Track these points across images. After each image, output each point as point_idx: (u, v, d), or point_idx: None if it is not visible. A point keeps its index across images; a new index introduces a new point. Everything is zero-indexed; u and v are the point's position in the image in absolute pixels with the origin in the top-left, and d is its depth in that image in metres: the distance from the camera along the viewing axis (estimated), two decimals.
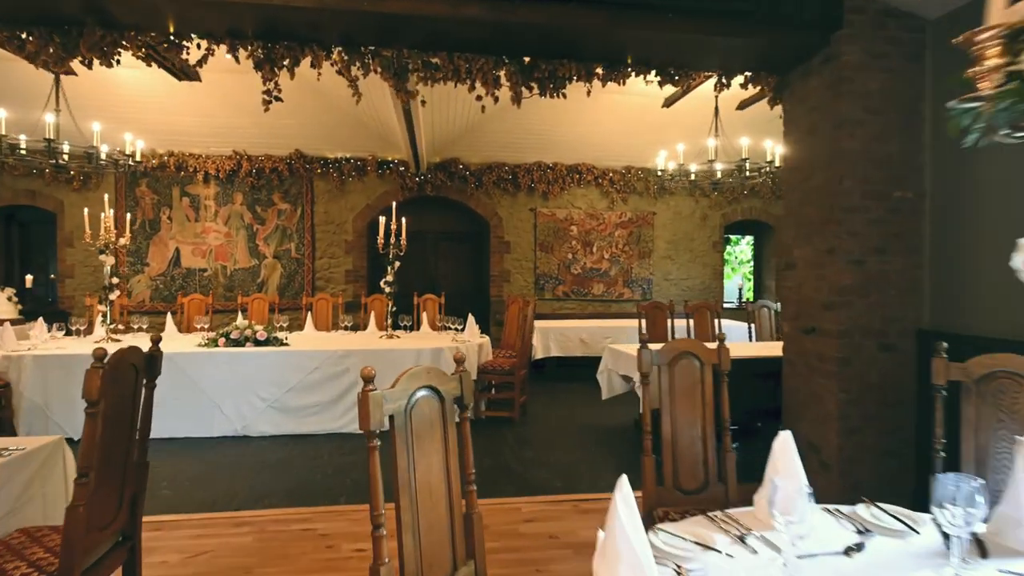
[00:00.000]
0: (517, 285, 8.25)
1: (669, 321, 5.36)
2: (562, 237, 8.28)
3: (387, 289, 5.36)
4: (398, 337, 5.35)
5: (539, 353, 6.70)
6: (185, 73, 6.24)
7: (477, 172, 8.02)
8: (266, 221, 7.68)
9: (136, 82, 6.36)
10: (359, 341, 5.10)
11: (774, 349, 4.10)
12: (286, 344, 4.72)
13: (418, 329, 6.20)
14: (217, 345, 4.57)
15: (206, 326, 5.49)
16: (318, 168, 7.70)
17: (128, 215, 6.62)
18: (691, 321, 5.39)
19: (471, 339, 5.12)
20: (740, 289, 9.06)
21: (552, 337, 6.74)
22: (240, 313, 5.77)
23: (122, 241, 5.05)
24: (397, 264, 5.45)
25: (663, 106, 7.29)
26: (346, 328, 5.78)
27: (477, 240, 8.67)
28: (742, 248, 9.97)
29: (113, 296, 4.90)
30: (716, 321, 5.40)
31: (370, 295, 6.71)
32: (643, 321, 5.25)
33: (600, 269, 8.36)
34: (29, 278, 7.55)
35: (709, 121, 7.23)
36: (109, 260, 4.89)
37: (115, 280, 4.92)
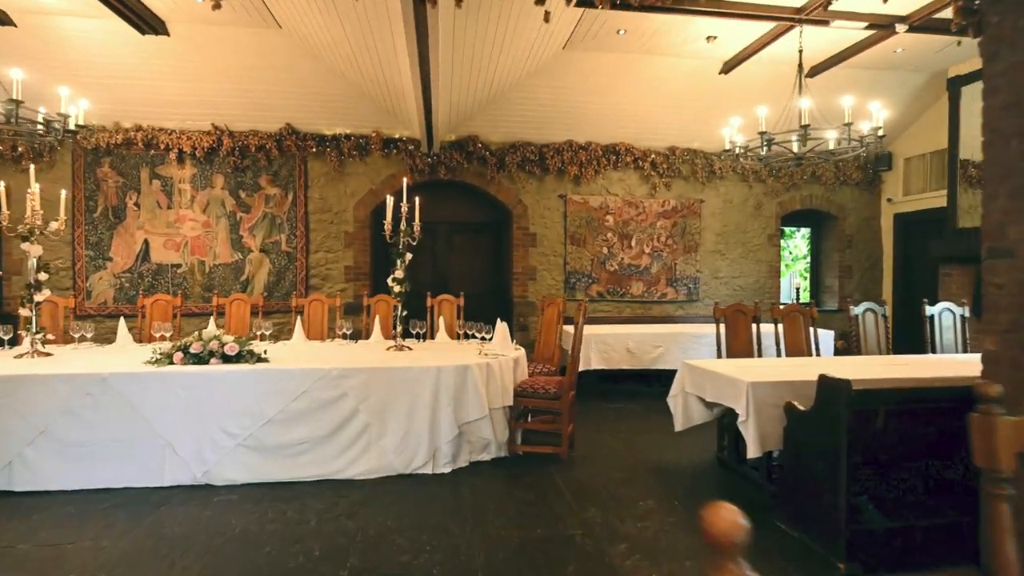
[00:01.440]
0: (544, 284, 7.11)
1: (755, 328, 4.22)
2: (596, 228, 7.13)
3: (396, 288, 4.23)
4: (409, 349, 4.22)
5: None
6: (149, 25, 5.12)
7: (498, 152, 6.88)
8: (252, 208, 6.55)
9: (91, 36, 5.24)
10: (360, 355, 3.97)
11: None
12: (265, 360, 3.59)
13: (432, 337, 5.06)
14: (171, 362, 3.44)
15: (168, 334, 4.36)
16: (313, 146, 6.56)
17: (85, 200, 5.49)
18: (780, 328, 4.24)
19: (503, 352, 3.98)
20: (797, 290, 7.90)
21: (593, 346, 5.59)
22: (213, 318, 4.65)
23: (54, 226, 3.92)
24: (408, 257, 4.31)
25: (721, 72, 6.16)
26: (344, 336, 4.65)
27: (497, 232, 7.53)
28: (796, 242, 8.81)
29: (40, 296, 3.77)
30: (812, 330, 4.26)
31: (374, 295, 5.57)
32: (722, 328, 4.12)
33: (639, 265, 7.22)
34: None
35: (774, 89, 6.11)
36: (35, 250, 3.76)
37: (43, 276, 3.79)
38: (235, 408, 3.36)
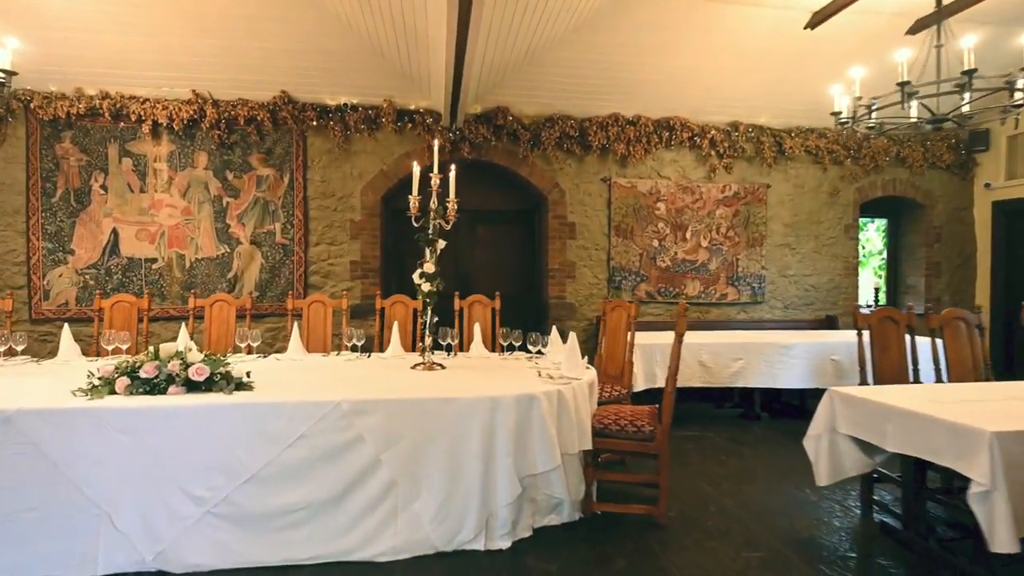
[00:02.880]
0: (584, 282, 6.06)
1: (909, 339, 3.16)
2: (645, 217, 6.09)
3: (424, 286, 3.19)
4: (441, 367, 3.17)
5: (639, 383, 4.51)
6: None
7: (532, 127, 5.83)
8: (240, 192, 5.51)
9: None
10: (379, 377, 2.94)
11: None
12: (247, 387, 2.55)
13: (465, 350, 4.02)
14: (112, 391, 2.40)
15: (124, 346, 3.32)
16: (313, 118, 5.52)
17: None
18: (939, 341, 3.19)
19: (570, 372, 2.93)
20: (876, 290, 6.86)
21: (657, 358, 4.55)
22: (186, 326, 3.60)
23: None
24: (441, 245, 3.27)
25: (807, 26, 5.11)
26: (355, 348, 3.61)
27: (528, 222, 6.48)
28: (868, 235, 7.76)
29: None
30: (981, 341, 3.20)
31: (388, 296, 4.53)
32: (867, 337, 3.09)
33: (695, 261, 6.17)
34: None
35: (871, 48, 5.06)
36: None
37: None
38: (203, 460, 2.32)
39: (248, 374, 2.63)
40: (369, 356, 3.64)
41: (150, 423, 2.29)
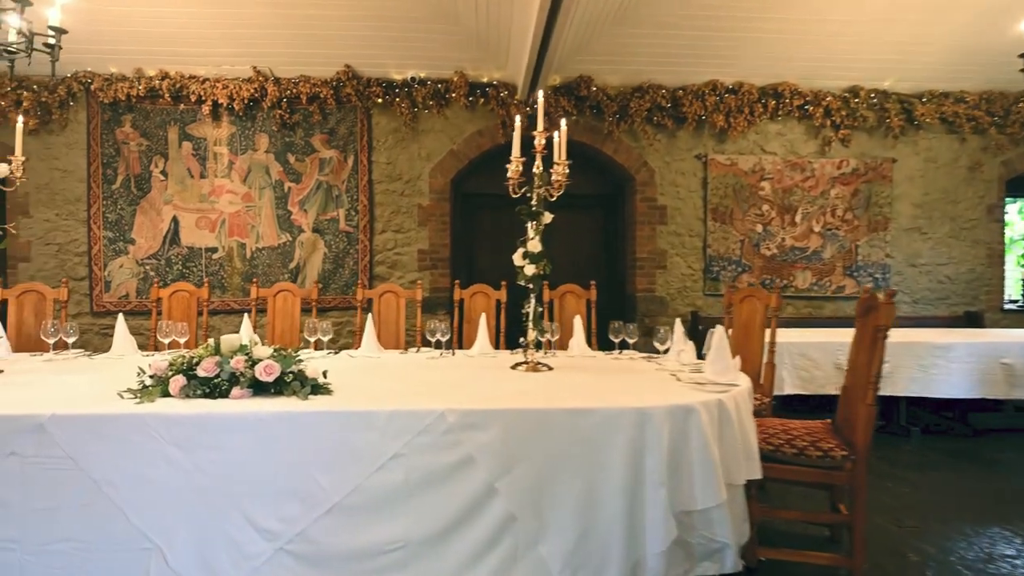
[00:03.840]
0: (676, 273, 5.37)
1: None
2: (747, 199, 5.34)
3: (528, 269, 2.61)
4: (548, 368, 2.58)
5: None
6: None
7: (619, 98, 5.19)
8: (303, 177, 5.11)
9: None
10: (477, 381, 2.39)
11: None
12: (326, 390, 2.03)
13: (558, 347, 3.42)
14: (166, 393, 1.93)
15: (183, 339, 2.90)
16: (379, 95, 5.07)
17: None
18: None
19: (721, 377, 2.28)
20: None
21: (786, 360, 3.83)
22: (248, 318, 3.17)
23: (2, 169, 2.49)
24: (547, 219, 2.70)
25: None
26: (438, 344, 3.07)
27: (608, 207, 5.84)
28: (1009, 218, 6.70)
29: None
30: None
31: (466, 286, 3.99)
32: None
33: (807, 248, 5.37)
34: None
35: None
36: None
37: None
38: (274, 484, 1.82)
39: (324, 374, 2.13)
40: (454, 354, 3.11)
41: (210, 434, 1.81)
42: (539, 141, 2.67)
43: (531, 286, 2.65)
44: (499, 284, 3.84)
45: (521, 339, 2.71)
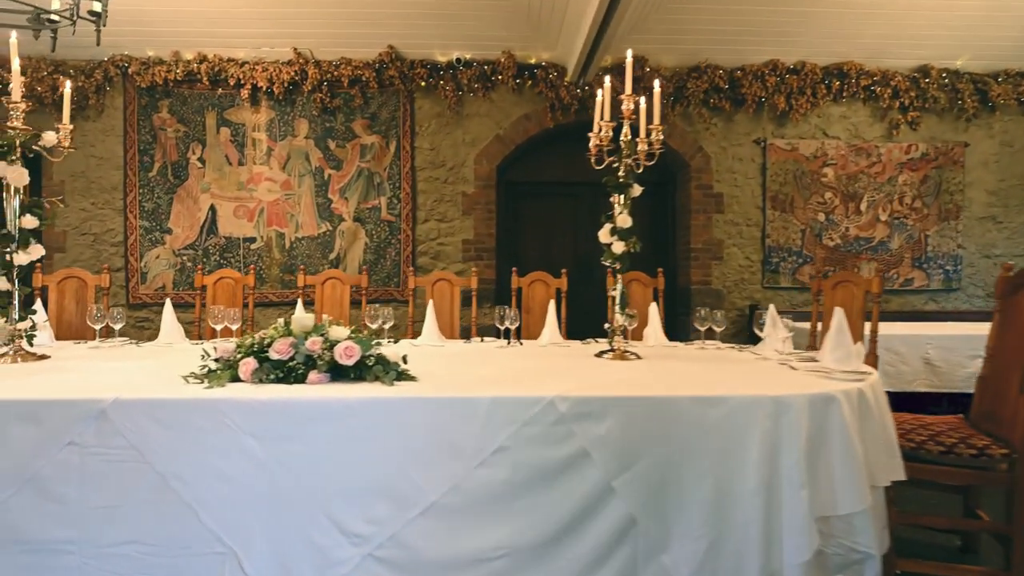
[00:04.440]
0: (733, 265, 5.09)
1: None
2: (809, 186, 5.05)
3: (617, 247, 2.37)
4: (636, 356, 2.33)
5: None
6: None
7: (674, 79, 4.93)
8: (343, 163, 4.93)
9: None
10: (568, 369, 2.15)
11: None
12: (408, 376, 1.81)
13: (635, 337, 3.16)
14: (236, 377, 1.72)
15: (234, 326, 2.71)
16: (422, 78, 4.86)
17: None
18: None
19: (843, 365, 2.02)
20: None
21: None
22: (301, 301, 2.99)
23: (50, 138, 2.31)
24: (636, 192, 2.45)
25: None
26: (507, 333, 2.83)
27: (659, 196, 5.57)
28: None
29: (26, 257, 2.17)
30: None
31: (523, 275, 3.75)
32: None
33: (872, 238, 5.06)
34: None
35: None
36: (14, 175, 2.16)
37: (29, 222, 2.18)
38: (361, 480, 1.59)
39: (404, 359, 1.90)
40: (521, 343, 2.87)
41: (291, 424, 1.59)
42: (627, 106, 2.45)
43: (618, 266, 2.41)
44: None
45: (606, 324, 2.47)
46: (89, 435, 1.56)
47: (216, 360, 1.85)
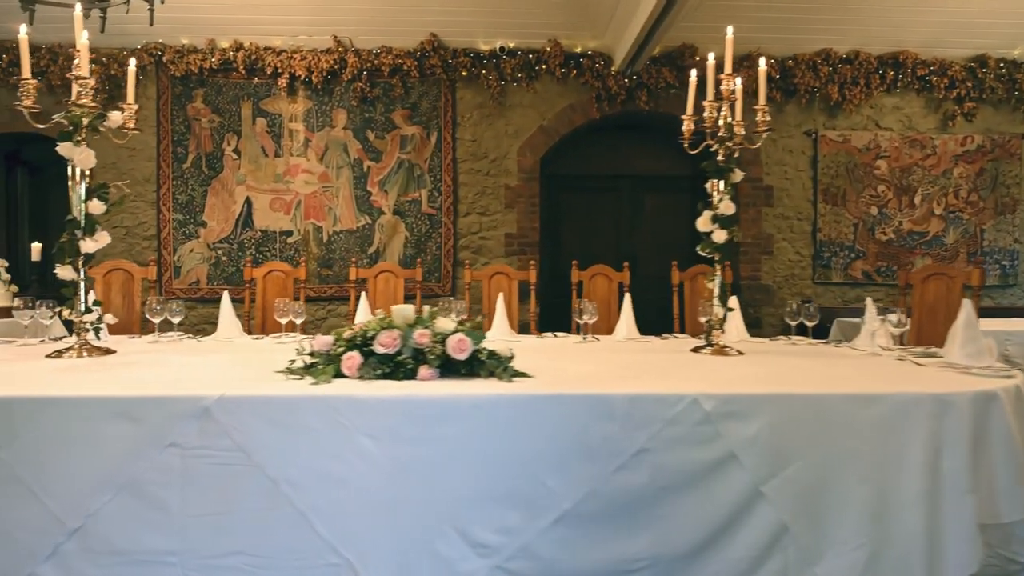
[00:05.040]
0: (783, 260, 4.94)
1: None
2: (861, 179, 4.90)
3: (719, 236, 2.23)
4: (736, 353, 2.19)
5: None
6: None
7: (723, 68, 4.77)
8: (383, 155, 4.78)
9: None
10: (675, 366, 2.01)
11: None
12: (522, 374, 1.66)
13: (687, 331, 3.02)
14: (339, 373, 1.57)
15: (298, 319, 2.57)
16: (464, 67, 4.72)
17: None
18: None
19: (973, 360, 1.87)
20: None
21: None
22: (366, 297, 2.85)
23: (116, 118, 2.17)
24: (737, 178, 2.31)
25: None
26: (585, 329, 2.68)
27: (702, 188, 5.42)
28: None
29: (93, 244, 2.03)
30: None
31: (553, 273, 3.60)
32: None
33: (926, 233, 4.91)
34: (37, 247, 5.02)
35: None
36: (82, 157, 2.02)
37: (97, 207, 2.04)
38: (488, 486, 1.45)
39: (509, 351, 1.76)
40: (597, 339, 2.73)
41: (411, 423, 1.45)
42: (727, 86, 2.30)
43: (716, 256, 2.27)
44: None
45: (703, 319, 2.33)
46: (192, 435, 1.41)
47: (310, 355, 1.71)
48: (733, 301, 2.91)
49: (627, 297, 2.90)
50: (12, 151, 5.11)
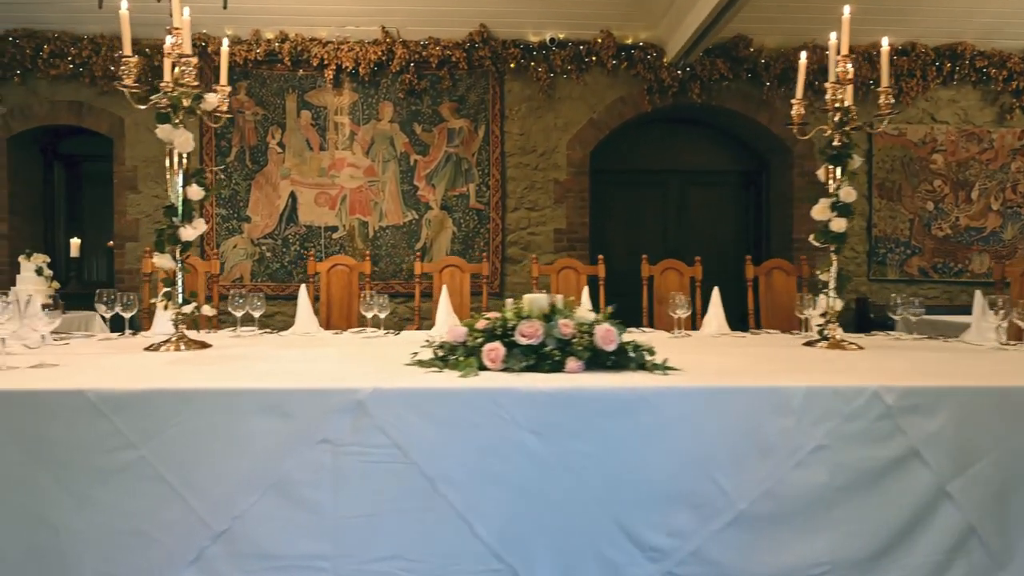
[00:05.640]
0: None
1: None
2: (917, 173, 4.80)
3: (837, 225, 2.11)
4: (856, 347, 2.09)
5: None
6: None
7: (777, 59, 4.69)
8: (430, 148, 4.69)
9: None
10: (802, 360, 1.92)
11: None
12: (670, 366, 1.56)
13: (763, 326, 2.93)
14: (481, 365, 1.48)
15: (383, 313, 2.48)
16: (513, 59, 4.63)
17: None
18: None
19: None
20: None
21: None
22: (447, 293, 2.76)
23: (212, 100, 2.09)
24: (855, 164, 2.22)
25: None
26: (678, 323, 2.59)
27: (752, 184, 5.34)
28: None
29: (193, 232, 1.94)
30: None
31: (659, 264, 3.50)
32: None
33: (983, 228, 4.81)
34: (76, 242, 4.93)
35: None
36: (181, 140, 1.94)
37: (195, 192, 1.96)
38: (655, 484, 1.35)
39: (650, 348, 1.66)
40: (689, 334, 2.63)
41: (577, 418, 1.35)
42: (842, 69, 2.21)
43: (833, 247, 2.18)
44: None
45: (811, 310, 2.24)
46: (345, 431, 1.32)
47: (440, 346, 1.62)
48: (823, 303, 2.83)
49: (716, 291, 2.80)
50: (49, 144, 5.02)
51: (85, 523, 1.28)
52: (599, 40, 4.58)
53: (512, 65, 4.64)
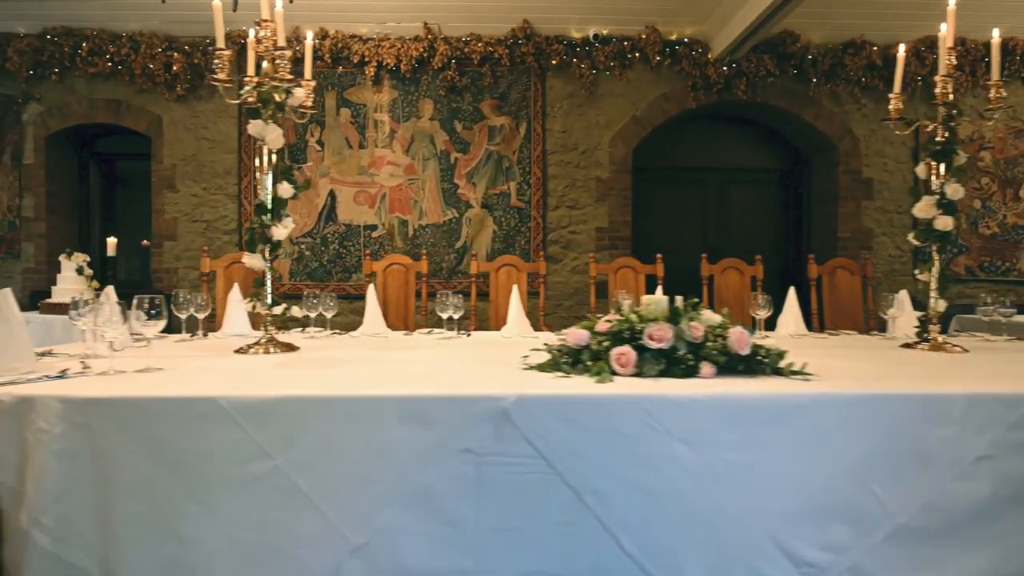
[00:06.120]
0: (883, 255, 4.77)
1: None
2: (964, 171, 4.71)
3: (941, 223, 2.06)
4: (960, 350, 2.03)
5: None
6: None
7: (825, 55, 4.62)
8: (471, 146, 4.63)
9: None
10: (926, 364, 1.85)
11: None
12: (808, 372, 1.48)
13: (826, 326, 2.86)
14: (609, 369, 1.41)
15: (457, 315, 2.41)
16: (556, 55, 4.55)
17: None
18: None
19: None
20: None
21: None
22: (519, 297, 2.69)
23: (299, 94, 2.03)
24: (960, 160, 2.15)
25: None
26: (760, 324, 2.52)
27: (792, 182, 5.26)
28: None
29: (284, 230, 1.89)
30: None
31: (719, 263, 3.43)
32: None
33: None
34: (112, 241, 4.86)
35: None
36: (271, 136, 1.89)
37: (285, 190, 1.90)
38: (809, 496, 1.29)
39: (777, 351, 1.59)
40: (767, 335, 2.57)
41: (729, 427, 1.28)
42: (948, 60, 2.13)
43: (935, 247, 2.11)
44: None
45: (893, 310, 2.17)
46: (488, 440, 1.25)
47: (559, 349, 1.56)
48: (904, 296, 2.76)
49: (792, 291, 2.73)
50: (85, 143, 4.96)
51: (217, 536, 1.22)
52: (643, 36, 4.51)
53: (554, 62, 4.57)
